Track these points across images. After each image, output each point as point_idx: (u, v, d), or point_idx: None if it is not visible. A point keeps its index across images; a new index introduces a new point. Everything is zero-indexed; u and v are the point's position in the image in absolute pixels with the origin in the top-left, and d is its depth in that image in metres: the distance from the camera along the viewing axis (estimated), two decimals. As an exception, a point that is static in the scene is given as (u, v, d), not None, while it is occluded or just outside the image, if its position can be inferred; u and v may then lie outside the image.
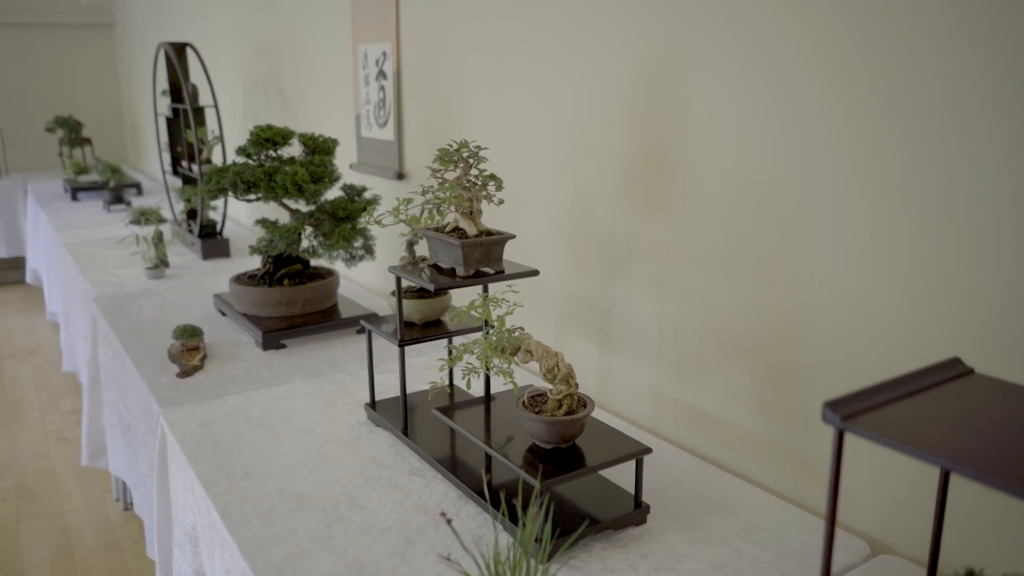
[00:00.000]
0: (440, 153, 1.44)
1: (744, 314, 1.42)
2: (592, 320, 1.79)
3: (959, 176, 1.07)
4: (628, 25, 1.55)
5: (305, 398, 1.80)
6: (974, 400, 0.78)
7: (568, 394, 1.23)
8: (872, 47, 1.15)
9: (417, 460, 1.50)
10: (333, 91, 2.90)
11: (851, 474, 1.27)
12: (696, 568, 1.16)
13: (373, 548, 1.22)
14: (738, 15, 1.33)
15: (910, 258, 1.14)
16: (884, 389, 0.77)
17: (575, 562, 1.18)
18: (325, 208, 2.16)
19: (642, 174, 1.59)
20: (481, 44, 2.01)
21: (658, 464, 1.47)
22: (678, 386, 1.58)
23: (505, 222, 1.88)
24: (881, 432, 0.71)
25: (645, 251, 1.61)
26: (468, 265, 1.41)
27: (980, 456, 0.67)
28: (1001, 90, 1.01)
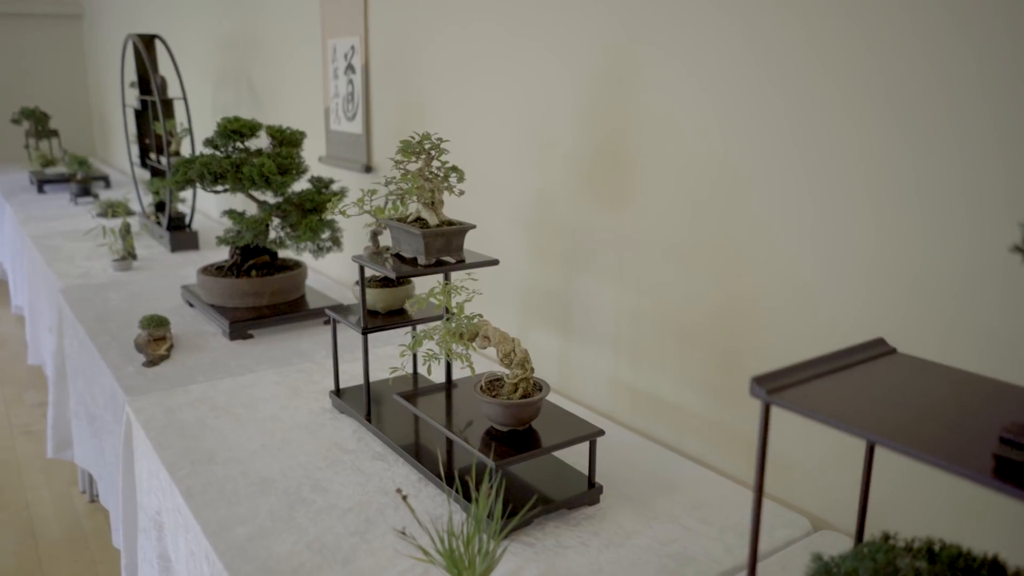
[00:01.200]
0: (403, 145, 1.47)
1: (697, 303, 1.47)
2: (553, 310, 1.83)
3: (898, 167, 1.13)
4: (591, 22, 1.60)
5: (271, 386, 1.82)
6: (895, 377, 0.83)
7: (524, 378, 1.28)
8: (815, 47, 1.20)
9: (380, 445, 1.53)
10: (303, 85, 2.92)
11: (794, 455, 1.33)
12: (644, 544, 1.21)
13: (334, 528, 1.25)
14: (694, 15, 1.38)
15: (850, 247, 1.20)
16: (809, 366, 0.82)
17: (529, 539, 1.22)
18: (292, 200, 2.18)
19: (602, 168, 1.63)
20: (448, 39, 2.05)
21: (613, 447, 1.52)
22: (635, 373, 1.63)
23: (469, 214, 1.92)
24: (804, 405, 0.76)
25: (604, 242, 1.65)
26: (429, 254, 1.45)
27: (901, 429, 0.71)
28: (940, 85, 1.07)
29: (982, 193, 1.04)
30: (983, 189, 1.03)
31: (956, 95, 1.05)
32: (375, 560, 1.17)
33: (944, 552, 0.73)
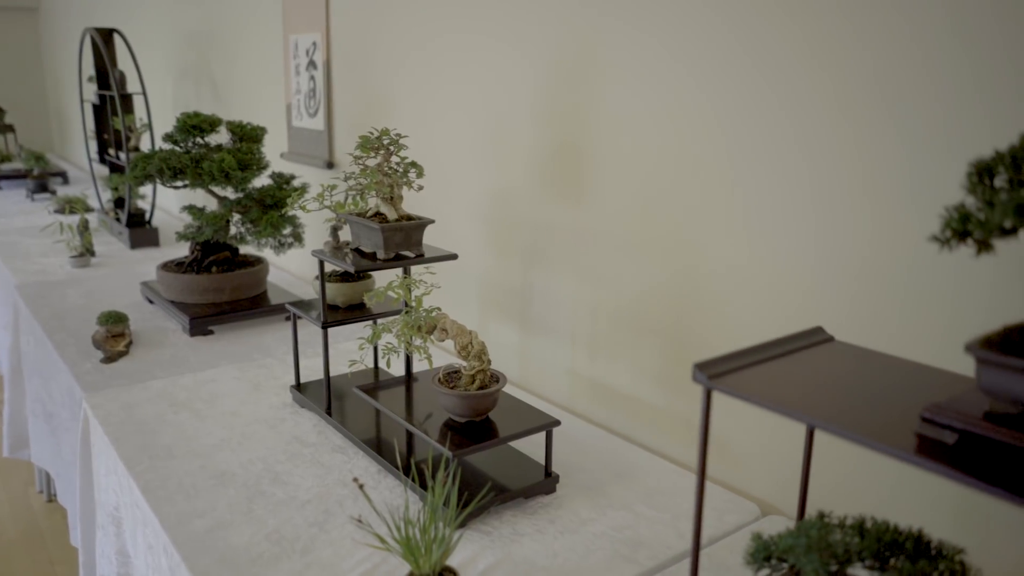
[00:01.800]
0: (361, 140, 1.48)
1: (652, 296, 1.50)
2: (512, 304, 1.86)
3: (839, 164, 1.17)
4: (549, 21, 1.62)
5: (231, 382, 1.82)
6: (832, 364, 0.87)
7: (481, 370, 1.30)
8: (764, 45, 1.24)
9: (340, 438, 1.54)
10: (264, 81, 2.91)
11: (743, 444, 1.37)
12: (599, 531, 1.24)
13: (293, 519, 1.26)
14: (649, 15, 1.41)
15: (793, 242, 1.24)
16: (750, 353, 0.86)
17: (486, 528, 1.24)
18: (253, 195, 2.18)
19: (560, 163, 1.66)
20: (409, 36, 2.06)
21: (571, 438, 1.55)
22: (592, 365, 1.66)
23: (429, 209, 1.93)
24: (744, 391, 0.79)
25: (562, 237, 1.68)
26: (388, 249, 1.46)
27: (834, 412, 0.75)
28: (883, 84, 1.11)
29: (920, 188, 1.08)
30: (921, 185, 1.08)
31: (899, 94, 1.09)
32: (334, 550, 1.18)
33: (873, 528, 0.77)
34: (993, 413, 0.65)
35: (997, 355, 0.62)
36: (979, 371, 0.65)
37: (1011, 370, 0.62)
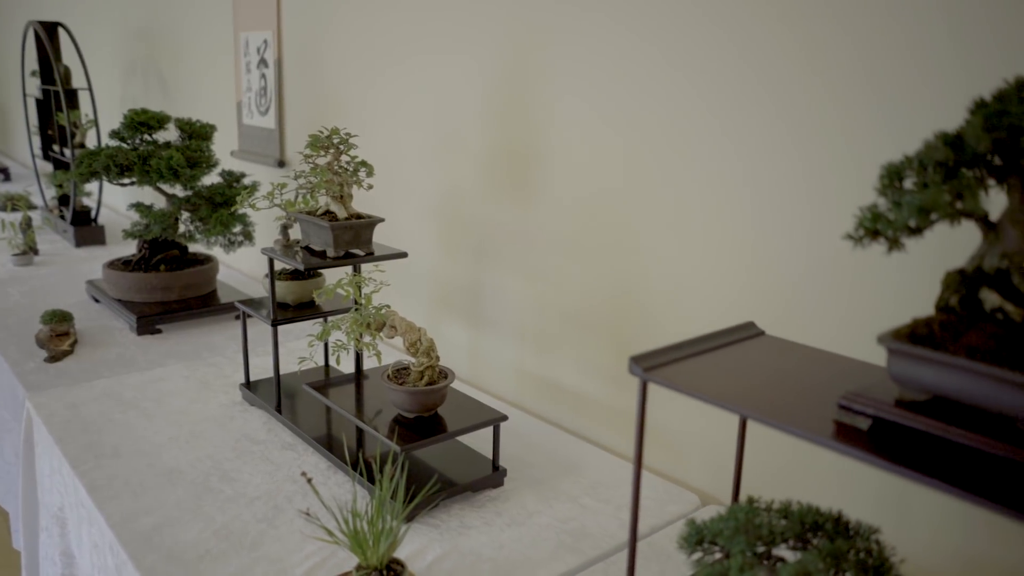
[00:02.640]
0: (311, 139, 1.49)
1: (596, 294, 1.54)
2: (462, 302, 1.88)
3: (768, 171, 1.22)
4: (498, 26, 1.65)
5: (180, 380, 1.81)
6: (761, 356, 0.91)
7: (429, 366, 1.32)
8: (709, 53, 1.29)
9: (289, 435, 1.55)
10: (214, 78, 2.88)
11: (685, 437, 1.42)
12: (545, 522, 1.27)
13: (242, 515, 1.27)
14: (595, 19, 1.45)
15: (729, 243, 1.29)
16: (684, 347, 0.90)
17: (435, 521, 1.27)
18: (202, 193, 2.16)
19: (507, 165, 1.69)
20: (361, 36, 2.07)
21: (519, 433, 1.58)
22: (539, 362, 1.69)
23: (381, 208, 1.95)
24: (677, 382, 0.83)
25: (509, 237, 1.71)
26: (338, 247, 1.47)
27: (761, 401, 0.79)
28: (783, 102, 1.17)
29: (844, 192, 1.13)
30: (845, 188, 1.13)
31: (826, 104, 1.14)
32: (282, 545, 1.19)
33: (797, 510, 0.81)
34: (903, 400, 0.69)
35: (904, 345, 0.67)
36: (890, 361, 0.69)
37: (917, 359, 0.66)
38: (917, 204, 0.61)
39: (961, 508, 1.07)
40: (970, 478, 0.62)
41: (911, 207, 0.61)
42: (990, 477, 0.62)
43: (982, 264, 0.67)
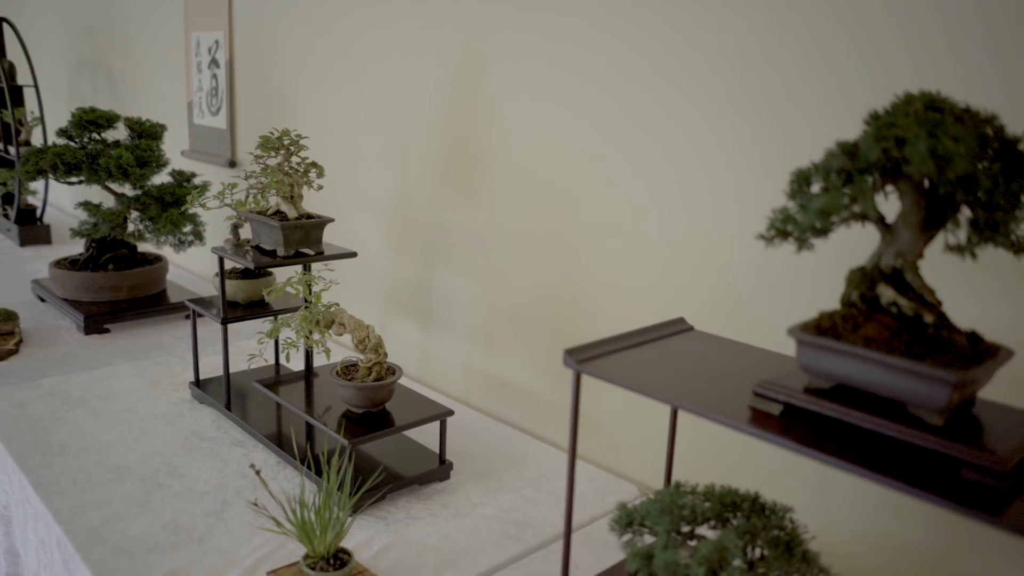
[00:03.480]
0: (262, 140, 1.52)
1: (542, 294, 1.59)
2: (412, 302, 1.92)
3: (702, 179, 1.28)
4: (447, 30, 1.69)
5: (128, 379, 1.81)
6: (690, 350, 0.97)
7: (377, 362, 1.35)
8: (643, 72, 1.35)
9: (239, 432, 1.57)
10: (165, 77, 2.87)
11: (625, 432, 1.47)
12: (489, 513, 1.32)
13: (191, 510, 1.29)
14: (545, 27, 1.50)
15: (664, 246, 1.35)
16: (617, 340, 0.95)
17: (382, 513, 1.30)
18: (152, 193, 2.16)
19: (457, 168, 1.73)
20: (312, 38, 2.09)
21: (466, 429, 1.62)
22: (487, 360, 1.74)
23: (332, 209, 1.97)
24: (609, 373, 0.88)
25: (458, 237, 1.75)
26: (288, 246, 1.50)
27: (686, 390, 0.84)
28: (718, 112, 1.23)
29: (766, 199, 1.20)
30: (767, 196, 1.20)
31: (749, 118, 1.21)
32: (231, 538, 1.21)
33: (718, 493, 0.87)
34: (811, 387, 0.76)
35: (810, 336, 0.73)
36: (798, 351, 0.75)
37: (821, 349, 0.72)
38: (818, 207, 0.67)
39: (872, 491, 1.15)
40: (867, 457, 0.68)
41: (813, 209, 0.67)
42: (884, 456, 0.68)
43: (880, 263, 0.74)
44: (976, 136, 0.62)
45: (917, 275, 0.72)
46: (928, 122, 0.61)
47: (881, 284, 0.72)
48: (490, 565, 1.18)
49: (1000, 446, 0.65)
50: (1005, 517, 0.60)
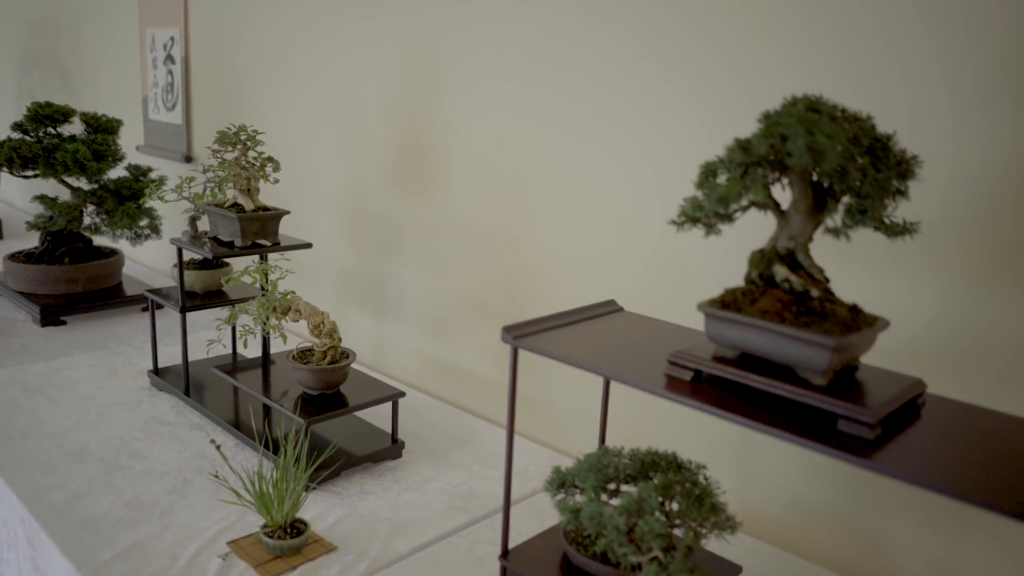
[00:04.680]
0: (220, 135, 1.58)
1: (489, 282, 1.68)
2: (367, 292, 1.99)
3: (634, 171, 1.38)
4: (399, 28, 1.77)
5: (86, 368, 1.85)
6: (619, 328, 1.06)
7: (332, 346, 1.43)
8: (581, 71, 1.44)
9: (198, 417, 1.63)
10: (119, 73, 2.89)
11: (568, 412, 1.57)
12: (438, 487, 1.40)
13: (152, 488, 1.34)
14: (487, 33, 1.59)
15: (600, 236, 1.45)
16: (552, 319, 1.04)
17: (336, 489, 1.37)
18: (108, 187, 2.19)
19: (409, 162, 1.81)
20: (268, 34, 2.15)
21: (418, 412, 1.70)
22: (438, 346, 1.82)
23: (289, 202, 2.03)
24: (542, 348, 0.97)
25: (411, 229, 1.83)
26: (245, 237, 1.56)
27: (612, 362, 0.93)
28: (651, 110, 1.33)
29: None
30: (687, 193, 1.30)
31: (674, 120, 1.31)
32: (192, 512, 1.28)
33: (641, 454, 0.96)
34: (717, 356, 0.85)
35: (714, 310, 0.82)
36: (706, 324, 0.85)
37: (724, 321, 0.82)
38: (718, 195, 0.76)
39: (789, 458, 1.26)
40: (763, 414, 0.78)
41: (714, 197, 0.77)
42: (778, 412, 0.78)
43: (776, 245, 0.84)
44: (849, 134, 0.72)
45: (808, 255, 0.82)
46: (807, 121, 0.71)
47: (777, 263, 0.82)
48: (438, 533, 1.26)
49: (872, 402, 0.75)
50: (873, 459, 0.71)
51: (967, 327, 1.07)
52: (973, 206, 1.04)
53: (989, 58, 1.00)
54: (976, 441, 0.77)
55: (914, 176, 0.75)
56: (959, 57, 1.03)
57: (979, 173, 1.03)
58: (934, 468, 0.70)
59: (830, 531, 1.23)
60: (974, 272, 1.05)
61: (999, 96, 1.00)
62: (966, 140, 1.03)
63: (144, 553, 1.17)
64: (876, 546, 1.18)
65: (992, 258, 1.04)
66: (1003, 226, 1.02)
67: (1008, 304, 1.03)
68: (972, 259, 1.05)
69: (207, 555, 1.16)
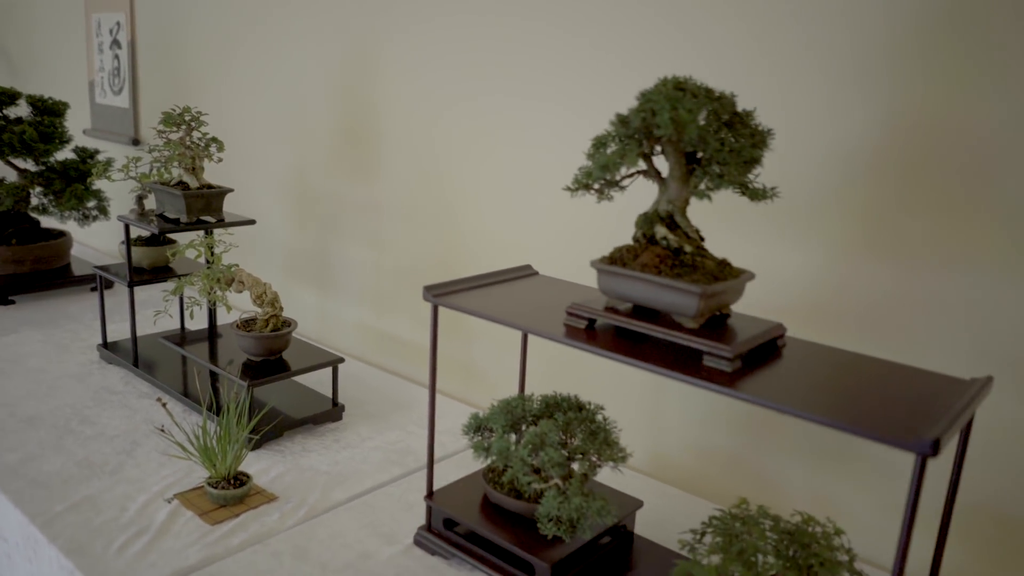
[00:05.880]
0: (165, 116, 1.65)
1: (427, 255, 1.78)
2: (311, 268, 2.08)
3: (549, 152, 1.49)
4: (339, 17, 1.85)
5: (36, 344, 1.91)
6: (532, 289, 1.17)
7: (274, 315, 1.52)
8: (519, 60, 1.54)
9: (147, 387, 1.70)
10: (65, 57, 2.91)
11: (498, 375, 1.68)
12: (376, 445, 1.50)
13: (102, 450, 1.42)
14: (424, 21, 1.68)
15: (521, 209, 1.56)
16: (471, 280, 1.15)
17: (280, 448, 1.47)
18: (56, 168, 2.24)
19: (350, 142, 1.90)
20: (215, 19, 2.21)
21: (360, 380, 1.79)
22: (379, 318, 1.92)
23: (237, 183, 2.10)
24: (461, 305, 1.07)
25: (352, 208, 1.92)
26: (191, 213, 1.64)
27: (523, 316, 1.04)
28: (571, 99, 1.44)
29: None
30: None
31: (590, 103, 1.42)
32: (141, 470, 1.36)
33: (549, 397, 1.08)
34: (608, 306, 0.97)
35: (603, 265, 0.94)
36: (598, 278, 0.96)
37: (612, 275, 0.94)
38: (600, 163, 0.88)
39: (691, 408, 1.38)
40: (644, 354, 0.89)
41: (597, 165, 0.88)
42: (658, 353, 0.90)
43: (658, 208, 0.95)
44: (708, 109, 0.84)
45: (684, 217, 0.94)
46: (672, 98, 0.82)
47: (658, 224, 0.94)
48: (374, 483, 1.36)
49: (732, 340, 0.87)
50: (734, 387, 0.82)
51: (835, 284, 1.20)
52: (846, 177, 1.17)
53: (865, 41, 1.13)
54: (830, 374, 0.90)
55: (767, 146, 0.87)
56: (833, 42, 1.16)
57: (852, 147, 1.16)
58: (789, 395, 0.82)
59: (727, 472, 1.36)
60: (850, 237, 1.19)
61: (861, 79, 1.13)
62: (841, 118, 1.16)
63: (95, 505, 1.25)
64: (766, 483, 1.32)
65: (862, 223, 1.17)
66: (881, 195, 1.15)
67: (863, 263, 1.16)
68: (847, 224, 1.19)
69: (155, 506, 1.25)
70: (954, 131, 1.07)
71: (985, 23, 1.03)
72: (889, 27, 1.10)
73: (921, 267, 1.12)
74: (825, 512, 1.16)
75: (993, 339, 1.08)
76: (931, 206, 1.10)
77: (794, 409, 0.78)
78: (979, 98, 1.04)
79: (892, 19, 1.10)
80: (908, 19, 1.08)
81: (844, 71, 1.15)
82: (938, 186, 1.09)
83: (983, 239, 1.07)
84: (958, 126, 1.06)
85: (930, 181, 1.10)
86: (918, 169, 1.10)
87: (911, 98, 1.10)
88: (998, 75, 1.03)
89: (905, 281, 1.14)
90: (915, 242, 1.12)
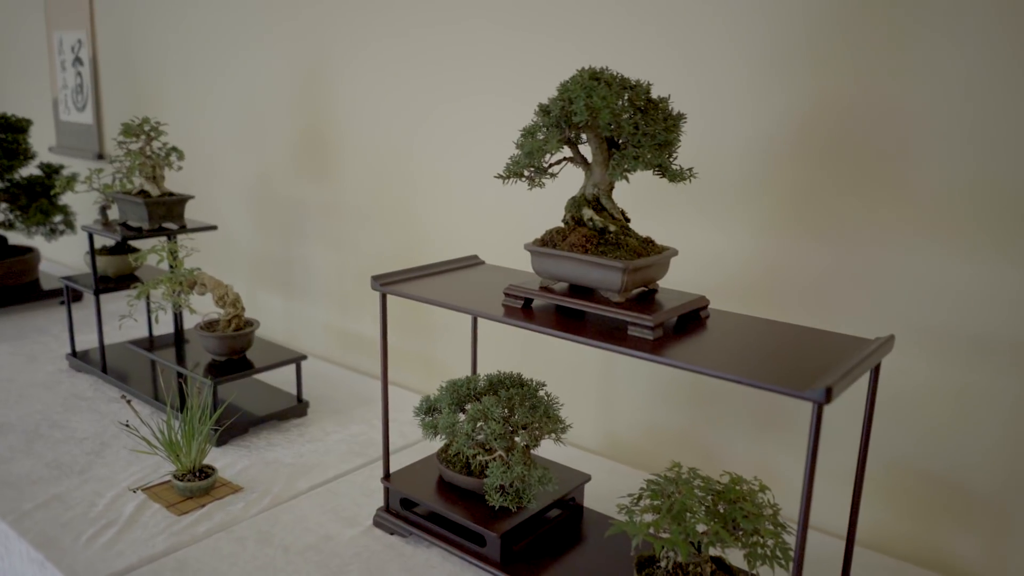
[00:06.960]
0: (124, 127, 1.69)
1: (382, 255, 1.83)
2: (276, 273, 2.12)
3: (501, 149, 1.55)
4: (293, 28, 1.91)
5: (5, 356, 1.94)
6: (478, 277, 1.23)
7: (236, 315, 1.56)
8: (470, 66, 1.61)
9: (117, 392, 1.74)
10: (27, 75, 2.94)
11: (456, 368, 1.73)
12: (340, 438, 1.55)
13: (72, 451, 1.46)
14: (377, 28, 1.74)
15: (476, 207, 1.62)
16: (418, 270, 1.20)
17: (245, 443, 1.51)
18: (21, 184, 2.27)
19: (309, 148, 1.95)
20: (175, 33, 2.25)
21: (325, 377, 1.84)
22: (343, 318, 1.97)
23: (199, 190, 2.15)
24: (408, 293, 1.13)
25: (313, 211, 1.97)
26: (153, 221, 1.68)
27: (467, 300, 1.10)
28: (517, 100, 1.51)
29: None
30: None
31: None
32: (109, 469, 1.40)
33: (492, 376, 1.13)
34: (543, 286, 1.03)
35: (536, 247, 1.00)
36: (532, 260, 1.03)
37: (543, 256, 1.00)
38: (526, 151, 0.94)
39: (641, 389, 1.45)
40: (576, 328, 0.95)
41: (524, 152, 0.94)
42: (588, 327, 0.96)
43: (585, 192, 1.02)
44: (622, 96, 0.90)
45: (610, 199, 1.01)
46: (587, 87, 0.88)
47: (585, 206, 1.00)
48: (336, 473, 1.41)
49: (653, 311, 0.93)
50: (657, 354, 0.89)
51: (768, 262, 1.27)
52: (771, 158, 1.24)
53: (784, 26, 1.21)
54: (748, 341, 0.96)
55: (679, 130, 0.94)
56: (753, 27, 1.23)
57: (775, 131, 1.23)
58: (705, 358, 0.88)
59: (675, 448, 1.42)
60: (779, 216, 1.26)
61: (780, 63, 1.20)
62: (761, 102, 1.24)
63: (64, 503, 1.29)
64: (712, 456, 1.38)
65: (791, 203, 1.24)
66: (807, 176, 1.22)
67: (793, 241, 1.24)
68: (774, 204, 1.26)
69: (123, 501, 1.29)
70: (875, 113, 1.14)
71: (902, 5, 1.10)
72: (807, 11, 1.17)
73: (850, 243, 1.19)
74: (767, 479, 1.23)
75: (915, 307, 1.15)
76: (856, 184, 1.17)
77: (708, 369, 0.84)
78: (897, 80, 1.12)
79: (809, 3, 1.17)
80: (826, 2, 1.16)
81: (763, 56, 1.22)
82: (862, 166, 1.16)
83: (911, 215, 1.14)
84: (878, 108, 1.14)
85: (855, 161, 1.17)
86: (841, 150, 1.17)
87: (831, 82, 1.17)
88: (916, 58, 1.10)
89: (835, 256, 1.21)
90: (844, 219, 1.19)
